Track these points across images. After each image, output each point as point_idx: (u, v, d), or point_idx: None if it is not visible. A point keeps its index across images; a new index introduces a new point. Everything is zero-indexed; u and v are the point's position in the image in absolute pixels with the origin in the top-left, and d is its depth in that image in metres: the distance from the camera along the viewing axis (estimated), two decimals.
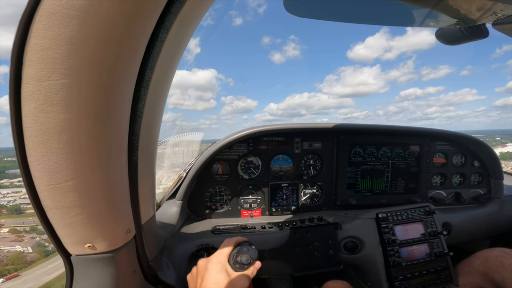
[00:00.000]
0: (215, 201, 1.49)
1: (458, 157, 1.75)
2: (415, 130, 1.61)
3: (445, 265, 1.36)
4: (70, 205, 0.56)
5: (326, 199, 1.61)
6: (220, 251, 0.86)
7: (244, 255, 0.82)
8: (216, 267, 0.80)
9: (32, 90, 0.43)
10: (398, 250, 1.36)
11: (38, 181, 0.53)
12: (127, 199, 0.70)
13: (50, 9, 0.38)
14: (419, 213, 1.46)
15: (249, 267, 0.82)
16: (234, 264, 0.81)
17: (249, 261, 0.81)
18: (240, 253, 0.82)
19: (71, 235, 0.63)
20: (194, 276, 0.83)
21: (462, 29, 0.83)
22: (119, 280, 0.74)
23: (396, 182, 1.62)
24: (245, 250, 0.83)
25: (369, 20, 0.85)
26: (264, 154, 1.52)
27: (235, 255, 0.82)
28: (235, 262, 0.81)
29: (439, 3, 0.67)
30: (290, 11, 0.77)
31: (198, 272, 0.82)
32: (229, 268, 0.80)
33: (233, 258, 0.82)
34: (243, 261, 0.81)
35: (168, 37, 0.55)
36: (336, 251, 1.35)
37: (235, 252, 0.83)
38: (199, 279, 0.80)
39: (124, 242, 0.73)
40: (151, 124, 0.70)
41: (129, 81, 0.54)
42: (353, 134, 1.56)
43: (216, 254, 0.84)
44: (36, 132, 0.46)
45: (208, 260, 0.83)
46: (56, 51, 0.40)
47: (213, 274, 0.78)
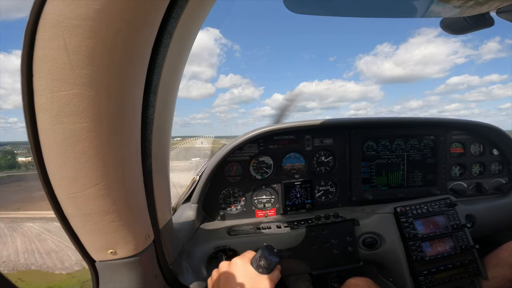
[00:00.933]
0: (229, 203, 1.50)
1: (476, 146, 1.69)
2: (429, 120, 1.57)
3: (472, 258, 1.31)
4: (91, 212, 0.58)
5: (341, 196, 1.59)
6: (243, 254, 0.86)
7: (267, 259, 0.81)
8: (240, 270, 0.79)
9: (45, 102, 0.44)
10: (420, 244, 1.31)
11: (59, 190, 0.55)
12: (144, 205, 0.72)
13: (53, 19, 0.39)
14: (440, 205, 1.41)
15: (273, 271, 0.82)
16: (257, 268, 0.80)
17: (272, 265, 0.81)
18: (263, 257, 0.82)
19: (94, 242, 0.65)
20: (215, 279, 0.83)
21: (466, 18, 0.81)
22: (143, 284, 0.75)
23: (413, 174, 1.57)
24: (268, 254, 0.83)
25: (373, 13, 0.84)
26: (275, 153, 1.52)
27: (258, 259, 0.82)
28: (258, 266, 0.80)
29: None
30: (290, 9, 0.78)
31: (220, 275, 0.81)
32: (253, 271, 0.79)
33: (256, 262, 0.81)
34: (266, 265, 0.80)
35: (172, 42, 0.56)
36: (355, 248, 1.32)
37: (258, 256, 0.83)
38: (222, 281, 0.79)
39: (144, 247, 0.75)
40: (162, 130, 0.71)
41: (137, 88, 0.55)
42: (365, 128, 1.54)
43: (239, 257, 0.84)
44: (52, 143, 0.48)
45: (231, 263, 0.83)
46: (64, 61, 0.41)
47: (237, 276, 0.78)
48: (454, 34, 0.90)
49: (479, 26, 0.82)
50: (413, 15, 0.83)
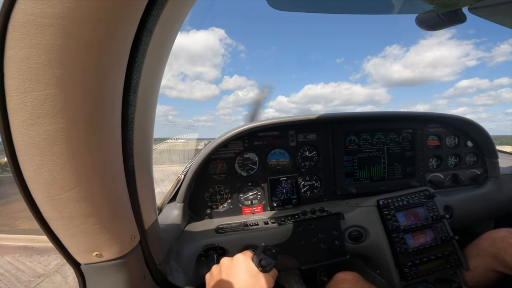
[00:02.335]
0: (215, 201, 1.50)
1: (451, 138, 1.76)
2: (407, 114, 1.62)
3: (453, 249, 1.36)
4: (72, 215, 0.56)
5: (326, 190, 1.62)
6: (243, 252, 0.87)
7: (268, 258, 0.83)
8: (243, 266, 0.80)
9: (18, 103, 0.43)
10: (403, 236, 1.36)
11: (36, 193, 0.53)
12: (128, 205, 0.71)
13: (23, 19, 0.38)
14: (419, 197, 1.47)
15: (271, 270, 0.83)
16: (258, 266, 0.81)
17: (271, 265, 0.83)
18: (263, 256, 0.84)
19: (77, 245, 0.64)
20: (216, 274, 0.83)
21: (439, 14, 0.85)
22: (131, 286, 0.75)
23: (393, 167, 1.63)
24: (268, 253, 0.85)
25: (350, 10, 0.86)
26: (260, 150, 1.52)
27: (259, 258, 0.83)
28: (259, 264, 0.82)
29: None
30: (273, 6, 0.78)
31: (222, 271, 0.82)
32: (255, 268, 0.81)
33: (257, 260, 0.83)
34: (266, 264, 0.82)
35: (152, 40, 0.55)
36: (341, 242, 1.35)
37: (259, 255, 0.84)
38: (224, 276, 0.80)
39: (130, 248, 0.74)
40: (143, 129, 0.70)
41: (116, 86, 0.54)
42: (347, 122, 1.57)
43: (240, 255, 0.85)
44: (27, 145, 0.46)
45: (233, 259, 0.84)
46: (36, 60, 0.40)
47: (240, 272, 0.78)
48: (428, 30, 0.93)
49: (452, 22, 0.86)
50: (389, 12, 0.86)
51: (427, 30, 0.92)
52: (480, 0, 0.74)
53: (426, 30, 0.92)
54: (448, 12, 0.83)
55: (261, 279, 0.78)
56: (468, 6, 0.79)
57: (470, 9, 0.79)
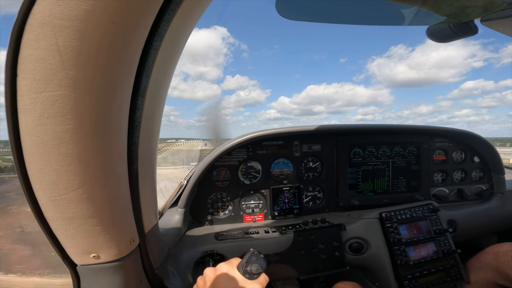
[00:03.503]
0: (217, 208, 1.49)
1: (458, 153, 1.75)
2: (413, 128, 1.62)
3: (454, 263, 1.34)
4: (73, 216, 0.56)
5: (328, 201, 1.60)
6: (229, 260, 0.84)
7: (254, 264, 0.80)
8: (226, 276, 0.78)
9: (29, 103, 0.43)
10: (405, 249, 1.34)
11: (40, 193, 0.53)
12: (129, 209, 0.71)
13: (41, 19, 0.38)
14: (423, 211, 1.45)
15: (259, 277, 0.81)
16: (244, 273, 0.79)
17: (259, 271, 0.80)
18: (249, 262, 0.81)
19: (75, 246, 0.63)
20: (201, 286, 0.81)
21: (451, 26, 0.84)
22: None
23: (397, 181, 1.61)
24: (255, 259, 0.82)
25: (360, 20, 0.86)
26: (264, 159, 1.52)
27: (244, 264, 0.81)
28: (245, 271, 0.79)
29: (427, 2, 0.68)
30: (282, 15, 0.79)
31: (206, 282, 0.79)
32: (240, 277, 0.78)
33: (243, 267, 0.80)
34: (253, 271, 0.79)
35: (163, 45, 0.55)
36: (342, 253, 1.33)
37: (245, 262, 0.81)
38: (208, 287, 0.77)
39: (129, 251, 0.73)
40: (149, 134, 0.70)
41: (125, 90, 0.55)
42: (352, 134, 1.56)
43: (224, 263, 0.83)
44: (34, 145, 0.47)
45: (216, 269, 0.81)
46: (50, 61, 0.40)
47: (223, 282, 0.76)
48: (439, 42, 0.93)
49: (464, 34, 0.85)
50: (400, 23, 0.86)
51: (437, 42, 0.92)
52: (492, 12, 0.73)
53: (437, 42, 0.91)
54: (460, 23, 0.83)
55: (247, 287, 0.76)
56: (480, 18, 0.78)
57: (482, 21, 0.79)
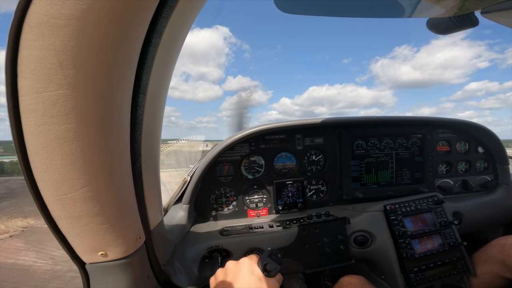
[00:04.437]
0: (221, 203, 1.50)
1: (462, 144, 1.73)
2: (416, 119, 1.60)
3: (460, 255, 1.34)
4: (79, 214, 0.57)
5: (332, 194, 1.60)
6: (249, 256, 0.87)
7: (273, 263, 0.83)
8: (248, 270, 0.80)
9: (31, 103, 0.43)
10: (410, 242, 1.34)
11: (46, 192, 0.54)
12: (134, 206, 0.71)
13: (38, 19, 0.38)
14: (428, 203, 1.45)
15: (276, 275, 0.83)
16: (263, 271, 0.81)
17: (277, 270, 0.82)
18: (269, 261, 0.83)
19: (83, 244, 0.64)
20: (221, 277, 0.83)
21: (452, 18, 0.84)
22: (135, 286, 0.75)
23: (401, 172, 1.60)
24: (274, 258, 0.84)
25: (361, 13, 0.86)
26: (266, 153, 1.52)
27: (264, 262, 0.83)
28: (264, 269, 0.82)
29: None
30: (281, 9, 0.78)
31: (228, 274, 0.82)
32: (260, 273, 0.80)
33: (262, 265, 0.83)
34: (271, 269, 0.81)
35: (162, 42, 0.55)
36: (347, 246, 1.34)
37: (264, 260, 0.84)
38: (229, 280, 0.79)
39: (135, 248, 0.74)
40: (151, 130, 0.71)
41: (126, 88, 0.55)
42: (354, 127, 1.56)
43: (245, 258, 0.85)
44: (38, 145, 0.47)
45: (238, 263, 0.84)
46: (49, 61, 0.40)
47: (245, 276, 0.78)
48: (440, 34, 0.92)
49: (464, 26, 0.85)
50: (400, 15, 0.85)
51: (438, 33, 0.91)
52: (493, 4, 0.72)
53: (437, 33, 0.91)
54: (461, 16, 0.82)
55: (266, 284, 0.78)
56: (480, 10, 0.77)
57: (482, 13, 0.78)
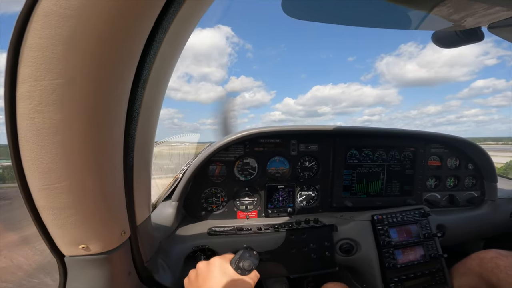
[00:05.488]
0: (211, 203, 1.48)
1: (453, 160, 1.77)
2: (410, 133, 1.63)
3: (440, 267, 1.37)
4: (64, 206, 0.55)
5: (322, 201, 1.61)
6: (222, 255, 0.85)
7: (247, 261, 0.81)
8: (219, 270, 0.79)
9: (28, 90, 0.43)
10: (393, 252, 1.36)
11: (32, 181, 0.52)
12: (122, 201, 0.70)
13: (48, 9, 0.38)
14: (414, 215, 1.47)
15: (251, 273, 0.82)
16: (236, 269, 0.80)
17: (251, 267, 0.81)
18: (242, 258, 0.82)
19: (64, 236, 0.62)
20: (193, 279, 0.82)
21: (458, 32, 0.84)
22: (114, 281, 0.73)
23: (391, 184, 1.63)
24: (248, 256, 0.83)
25: (367, 23, 0.86)
26: (260, 156, 1.52)
27: (237, 260, 0.82)
28: (237, 267, 0.80)
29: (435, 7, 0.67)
30: (289, 14, 0.78)
31: (199, 275, 0.80)
32: (232, 272, 0.79)
33: (235, 263, 0.81)
34: (245, 267, 0.80)
35: (166, 38, 0.54)
36: (332, 253, 1.35)
37: (238, 257, 0.82)
38: (200, 281, 0.78)
39: (119, 243, 0.73)
40: (147, 125, 0.70)
41: (125, 81, 0.54)
42: (349, 136, 1.57)
43: (217, 258, 0.84)
44: (30, 132, 0.46)
45: (209, 263, 0.82)
46: (52, 50, 0.40)
47: (215, 276, 0.77)
48: (444, 48, 0.92)
49: (470, 40, 0.85)
50: (407, 27, 0.85)
51: (442, 47, 0.91)
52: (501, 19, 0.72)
53: (442, 47, 0.91)
54: (467, 30, 0.82)
55: (237, 283, 0.77)
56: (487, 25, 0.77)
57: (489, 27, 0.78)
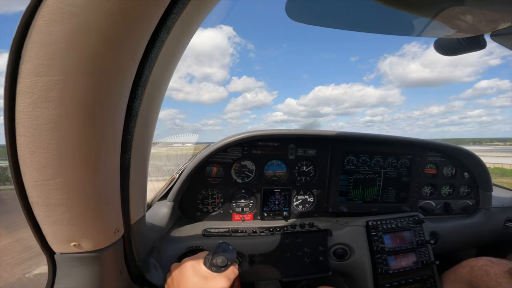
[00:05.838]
0: (207, 204, 1.48)
1: (449, 168, 1.78)
2: (408, 140, 1.64)
3: (431, 274, 1.38)
4: (58, 202, 0.55)
5: (318, 206, 1.61)
6: (197, 254, 0.84)
7: (220, 257, 0.80)
8: (190, 271, 0.78)
9: (28, 85, 0.43)
10: (386, 258, 1.37)
11: (27, 177, 0.52)
12: (117, 199, 0.69)
13: (54, 5, 0.38)
14: (408, 222, 1.48)
15: (227, 269, 0.80)
16: (210, 266, 0.79)
17: (225, 263, 0.79)
18: (215, 255, 0.81)
19: (56, 233, 0.62)
20: (170, 282, 0.81)
21: (460, 39, 0.84)
22: (104, 280, 0.72)
23: (387, 191, 1.63)
24: (221, 251, 0.82)
25: (370, 29, 0.86)
26: (258, 159, 1.51)
27: (210, 257, 0.81)
28: (211, 264, 0.79)
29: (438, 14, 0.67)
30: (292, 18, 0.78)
31: (173, 278, 0.80)
32: (205, 271, 0.78)
33: (209, 261, 0.80)
34: (219, 263, 0.79)
35: (169, 38, 0.54)
36: (326, 258, 1.35)
37: (210, 255, 0.81)
38: (175, 284, 0.78)
39: (112, 241, 0.72)
40: (146, 124, 0.69)
41: (126, 80, 0.54)
42: (347, 142, 1.57)
43: (190, 258, 0.83)
44: (28, 127, 0.46)
45: (180, 264, 0.82)
46: (55, 47, 0.40)
47: (188, 277, 0.76)
48: (446, 55, 0.92)
49: (472, 48, 0.85)
50: (409, 34, 0.85)
51: (445, 55, 0.91)
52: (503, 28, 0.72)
53: (444, 55, 0.91)
54: (469, 38, 0.82)
55: (211, 281, 0.75)
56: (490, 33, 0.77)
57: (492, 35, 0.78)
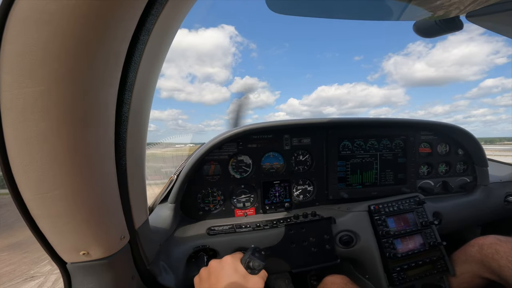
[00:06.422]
0: (208, 202, 1.49)
1: (443, 146, 1.80)
2: (400, 121, 1.65)
3: (440, 255, 1.39)
4: (60, 213, 0.55)
5: (319, 194, 1.63)
6: (232, 255, 0.87)
7: (256, 260, 0.83)
8: (231, 268, 0.80)
9: (11, 99, 0.42)
10: (393, 241, 1.38)
11: (25, 191, 0.52)
12: (119, 205, 0.70)
13: (23, 14, 0.37)
14: (410, 203, 1.50)
15: (260, 272, 0.83)
16: (246, 268, 0.82)
17: (260, 267, 0.83)
18: (252, 258, 0.83)
19: (64, 243, 0.62)
20: (205, 277, 0.83)
21: (437, 21, 0.86)
22: (118, 286, 0.74)
23: (385, 173, 1.65)
24: (257, 255, 0.85)
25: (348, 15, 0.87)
26: (254, 153, 1.52)
27: (247, 260, 0.83)
28: (247, 266, 0.82)
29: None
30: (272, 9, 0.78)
31: (211, 273, 0.82)
32: (243, 270, 0.81)
33: (246, 262, 0.83)
34: (255, 266, 0.82)
35: (150, 39, 0.54)
36: (332, 246, 1.36)
37: (247, 257, 0.84)
38: (213, 279, 0.79)
39: (119, 248, 0.73)
40: (137, 128, 0.69)
41: (111, 85, 0.53)
42: (341, 128, 1.58)
43: (229, 256, 0.85)
44: (18, 142, 0.46)
45: (222, 261, 0.84)
46: (32, 57, 0.39)
47: (228, 274, 0.78)
48: (425, 37, 0.95)
49: (449, 29, 0.87)
50: (388, 18, 0.87)
51: (424, 37, 0.94)
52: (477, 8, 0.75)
53: (423, 37, 0.94)
54: (446, 19, 0.84)
55: (249, 281, 0.78)
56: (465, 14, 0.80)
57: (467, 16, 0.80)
